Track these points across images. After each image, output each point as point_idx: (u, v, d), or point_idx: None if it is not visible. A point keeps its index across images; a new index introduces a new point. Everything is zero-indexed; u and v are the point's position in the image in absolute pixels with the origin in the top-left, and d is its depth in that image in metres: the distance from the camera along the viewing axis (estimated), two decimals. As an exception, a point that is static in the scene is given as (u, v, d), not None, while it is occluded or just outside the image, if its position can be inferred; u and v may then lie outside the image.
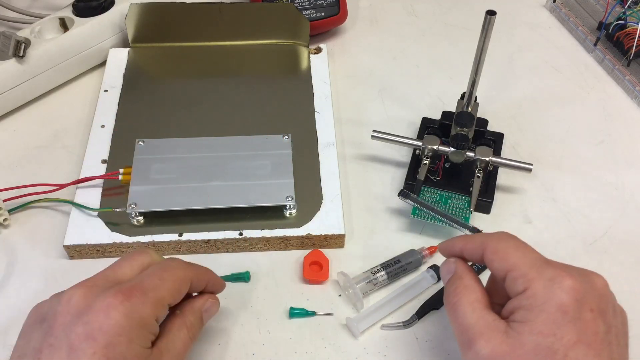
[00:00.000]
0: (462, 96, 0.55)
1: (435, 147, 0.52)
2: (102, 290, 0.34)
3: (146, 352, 0.34)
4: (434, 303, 0.46)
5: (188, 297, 0.39)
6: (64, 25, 0.64)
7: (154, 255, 0.39)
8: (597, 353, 0.32)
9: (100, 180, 0.52)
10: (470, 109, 0.53)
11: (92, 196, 0.51)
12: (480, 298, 0.36)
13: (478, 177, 0.50)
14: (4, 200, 0.50)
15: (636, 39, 0.63)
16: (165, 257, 0.41)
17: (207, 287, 0.40)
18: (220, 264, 0.48)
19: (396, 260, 0.47)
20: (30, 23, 0.63)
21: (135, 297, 0.34)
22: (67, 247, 0.47)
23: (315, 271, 0.47)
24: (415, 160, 0.55)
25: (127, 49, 0.65)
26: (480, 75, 0.50)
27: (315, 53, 0.65)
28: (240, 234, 0.48)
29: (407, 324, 0.45)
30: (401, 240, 0.50)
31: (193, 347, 0.43)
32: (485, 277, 0.40)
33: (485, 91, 0.63)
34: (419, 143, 0.53)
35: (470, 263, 0.40)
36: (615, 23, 0.67)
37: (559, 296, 0.33)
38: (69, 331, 0.32)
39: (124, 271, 0.37)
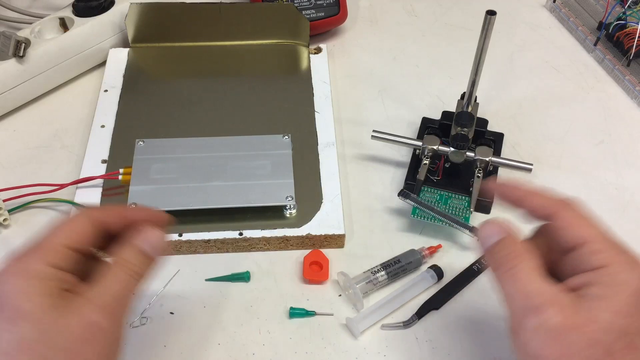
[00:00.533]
0: (462, 96, 0.55)
1: (435, 147, 0.52)
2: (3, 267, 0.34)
3: (55, 301, 0.32)
4: (434, 303, 0.46)
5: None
6: (64, 25, 0.64)
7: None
8: None
9: (100, 180, 0.52)
10: (470, 109, 0.53)
11: (92, 196, 0.51)
12: (542, 265, 0.34)
13: (478, 177, 0.50)
14: (4, 200, 0.50)
15: (636, 39, 0.63)
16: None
17: (134, 221, 0.37)
18: (220, 264, 0.48)
19: (396, 260, 0.47)
20: (30, 23, 0.63)
21: (25, 256, 0.33)
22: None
23: (315, 271, 0.47)
24: (415, 160, 0.55)
25: (127, 49, 0.65)
26: (480, 75, 0.50)
27: (315, 53, 0.65)
28: (240, 234, 0.48)
29: (407, 324, 0.45)
30: (401, 240, 0.50)
31: (194, 345, 0.43)
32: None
33: (485, 91, 0.63)
34: (419, 143, 0.53)
35: None
36: (615, 23, 0.67)
37: (637, 281, 0.32)
38: None
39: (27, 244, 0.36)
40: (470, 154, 0.51)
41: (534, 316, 0.32)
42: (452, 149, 0.51)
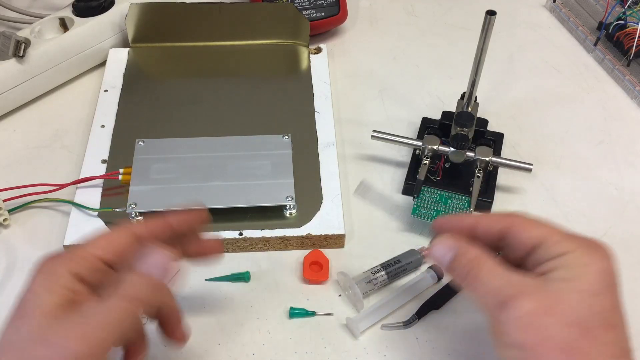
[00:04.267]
0: (462, 96, 0.55)
1: (435, 147, 0.52)
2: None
3: (57, 311, 0.31)
4: (434, 303, 0.46)
5: None
6: (64, 25, 0.64)
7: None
8: (625, 322, 0.32)
9: (100, 180, 0.52)
10: (470, 109, 0.53)
11: (92, 196, 0.51)
12: (498, 262, 0.35)
13: (478, 177, 0.50)
14: (4, 200, 0.50)
15: (636, 39, 0.63)
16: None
17: (176, 227, 0.37)
18: (220, 264, 0.48)
19: (396, 260, 0.47)
20: (30, 23, 0.63)
21: (57, 257, 0.33)
22: (67, 247, 0.47)
23: (315, 271, 0.47)
24: (415, 160, 0.55)
25: (127, 49, 0.65)
26: (480, 75, 0.50)
27: (315, 53, 0.65)
28: (240, 234, 0.48)
29: (407, 324, 0.45)
30: (401, 240, 0.50)
31: (194, 345, 0.43)
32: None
33: (485, 91, 0.63)
34: (419, 143, 0.53)
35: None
36: (615, 23, 0.67)
37: (601, 262, 0.33)
38: None
39: None
40: (470, 154, 0.51)
41: (507, 308, 0.32)
42: (452, 149, 0.51)
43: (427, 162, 0.52)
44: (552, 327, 0.31)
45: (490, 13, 0.45)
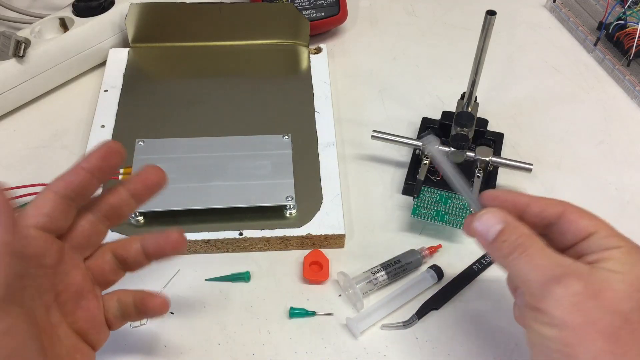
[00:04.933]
0: (462, 96, 0.55)
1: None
2: None
3: None
4: (434, 303, 0.46)
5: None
6: (64, 25, 0.64)
7: None
8: None
9: (100, 180, 0.52)
10: (470, 109, 0.53)
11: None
12: (547, 244, 0.35)
13: (478, 177, 0.50)
14: (4, 200, 0.50)
15: (636, 39, 0.63)
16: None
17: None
18: (220, 264, 0.48)
19: (396, 260, 0.47)
20: (30, 23, 0.63)
21: None
22: (67, 247, 0.47)
23: (315, 271, 0.47)
24: (415, 160, 0.55)
25: (127, 49, 0.65)
26: (480, 75, 0.50)
27: (315, 53, 0.65)
28: (240, 234, 0.48)
29: (407, 324, 0.45)
30: (401, 240, 0.50)
31: (194, 345, 0.43)
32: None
33: (485, 91, 0.63)
34: (419, 143, 0.53)
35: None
36: (615, 23, 0.67)
37: None
38: None
39: None
40: (470, 154, 0.51)
41: (556, 285, 0.32)
42: (452, 149, 0.51)
43: (427, 162, 0.52)
44: (597, 311, 0.32)
45: (490, 13, 0.45)
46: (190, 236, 0.48)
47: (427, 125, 0.57)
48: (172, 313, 0.45)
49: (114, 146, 0.36)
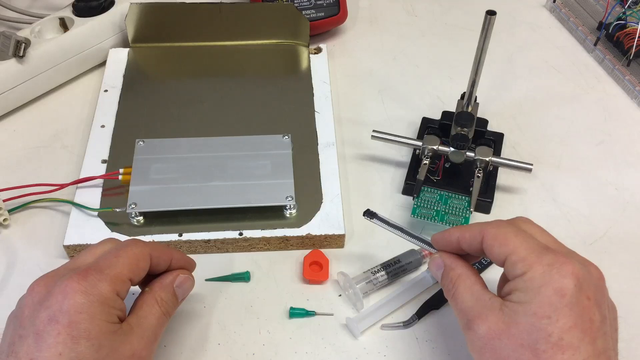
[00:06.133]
0: (462, 96, 0.55)
1: (435, 147, 0.52)
2: (61, 277, 0.35)
3: (112, 327, 0.34)
4: (434, 303, 0.46)
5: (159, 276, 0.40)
6: (64, 25, 0.64)
7: (115, 241, 0.40)
8: (592, 340, 0.32)
9: (100, 180, 0.52)
10: (470, 109, 0.53)
11: (92, 196, 0.51)
12: (476, 281, 0.37)
13: (478, 177, 0.50)
14: (4, 200, 0.50)
15: (636, 39, 0.63)
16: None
17: (173, 264, 0.41)
18: (220, 264, 0.48)
19: (396, 260, 0.47)
20: (30, 23, 0.63)
21: (92, 276, 0.34)
22: (67, 247, 0.47)
23: (315, 271, 0.47)
24: (415, 160, 0.55)
25: (127, 49, 0.65)
26: (480, 75, 0.50)
27: (315, 53, 0.65)
28: (240, 234, 0.48)
29: (407, 324, 0.45)
30: (401, 240, 0.50)
31: (194, 345, 0.43)
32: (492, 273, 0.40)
33: (485, 91, 0.63)
34: (419, 143, 0.53)
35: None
36: (615, 23, 0.67)
37: (558, 280, 0.33)
38: (33, 318, 0.33)
39: (84, 258, 0.38)
40: (470, 154, 0.51)
41: (469, 329, 0.35)
42: (452, 149, 0.51)
43: (427, 162, 0.52)
44: (505, 349, 0.33)
45: (490, 13, 0.45)
46: (190, 236, 0.48)
47: (427, 125, 0.57)
48: (172, 313, 0.45)
49: (193, 266, 0.43)
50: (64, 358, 0.32)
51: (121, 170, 0.51)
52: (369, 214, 0.45)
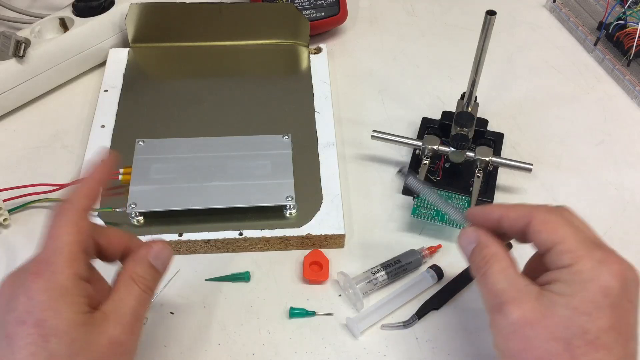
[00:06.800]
0: (462, 96, 0.55)
1: (435, 147, 0.52)
2: (23, 274, 0.34)
3: (82, 318, 0.33)
4: (434, 303, 0.46)
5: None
6: (64, 25, 0.64)
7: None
8: (625, 342, 0.32)
9: (100, 180, 0.52)
10: (470, 109, 0.53)
11: (92, 196, 0.51)
12: (510, 264, 0.35)
13: (478, 177, 0.50)
14: (4, 200, 0.50)
15: (636, 39, 0.63)
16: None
17: (133, 240, 0.39)
18: (220, 264, 0.48)
19: (396, 260, 0.47)
20: (30, 23, 0.63)
21: (44, 269, 0.33)
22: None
23: (315, 271, 0.47)
24: (415, 160, 0.55)
25: (127, 49, 0.65)
26: (480, 75, 0.50)
27: (315, 53, 0.65)
28: (240, 234, 0.48)
29: (407, 324, 0.45)
30: (401, 240, 0.50)
31: (194, 345, 0.43)
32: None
33: (485, 91, 0.63)
34: (419, 143, 0.53)
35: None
36: (615, 23, 0.67)
37: (605, 279, 0.32)
38: (4, 322, 0.33)
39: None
40: (470, 154, 0.51)
41: (498, 312, 0.34)
42: (452, 149, 0.51)
43: (427, 162, 0.52)
44: (536, 338, 0.32)
45: (490, 13, 0.45)
46: (190, 236, 0.48)
47: (427, 125, 0.57)
48: (172, 313, 0.45)
49: (112, 157, 0.40)
50: (38, 358, 0.31)
51: (121, 170, 0.51)
52: (403, 173, 0.43)
